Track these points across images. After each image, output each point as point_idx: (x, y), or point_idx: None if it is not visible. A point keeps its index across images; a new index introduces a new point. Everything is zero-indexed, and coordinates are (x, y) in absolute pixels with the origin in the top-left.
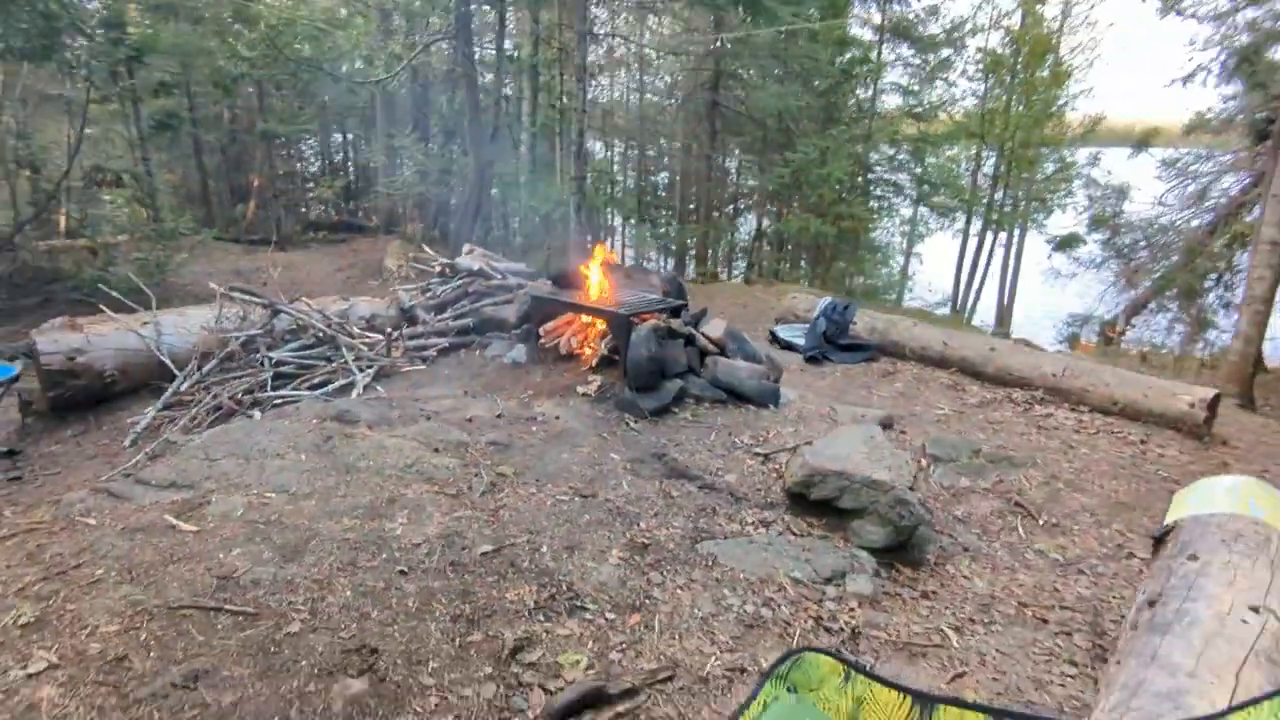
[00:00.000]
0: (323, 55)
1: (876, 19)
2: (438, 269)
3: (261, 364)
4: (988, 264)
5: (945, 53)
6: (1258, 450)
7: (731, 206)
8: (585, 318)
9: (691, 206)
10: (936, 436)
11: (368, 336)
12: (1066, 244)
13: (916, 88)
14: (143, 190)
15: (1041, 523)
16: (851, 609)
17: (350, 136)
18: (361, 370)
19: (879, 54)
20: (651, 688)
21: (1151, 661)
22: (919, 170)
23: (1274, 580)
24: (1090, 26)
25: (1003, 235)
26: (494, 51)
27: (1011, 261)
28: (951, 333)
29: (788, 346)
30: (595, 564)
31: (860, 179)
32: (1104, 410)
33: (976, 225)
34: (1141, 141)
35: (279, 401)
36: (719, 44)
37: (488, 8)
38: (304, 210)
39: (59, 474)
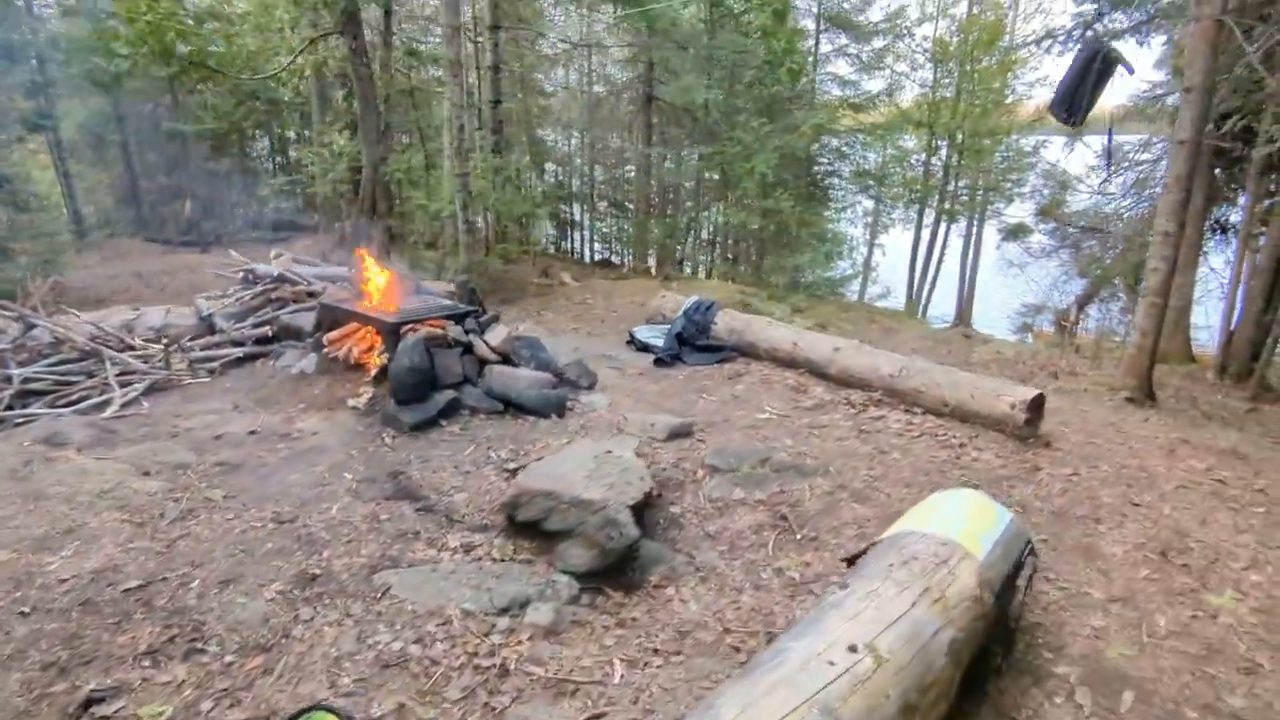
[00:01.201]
0: (225, 54)
1: (813, 8)
2: (240, 275)
3: (8, 381)
4: (941, 255)
5: (882, 41)
6: (1081, 452)
7: (690, 202)
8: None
9: (647, 201)
10: (721, 445)
11: (148, 349)
12: (1015, 234)
13: (855, 78)
14: (15, 193)
15: (799, 537)
16: (520, 641)
17: (294, 134)
18: (126, 386)
19: (816, 43)
20: None
21: (707, 711)
22: (861, 162)
23: (911, 612)
24: (1044, 14)
25: (959, 226)
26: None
27: (970, 252)
28: (802, 333)
29: (644, 348)
30: (246, 599)
31: (795, 172)
32: (936, 412)
33: (931, 216)
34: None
35: (20, 420)
36: (646, 35)
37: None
38: (244, 209)
39: None
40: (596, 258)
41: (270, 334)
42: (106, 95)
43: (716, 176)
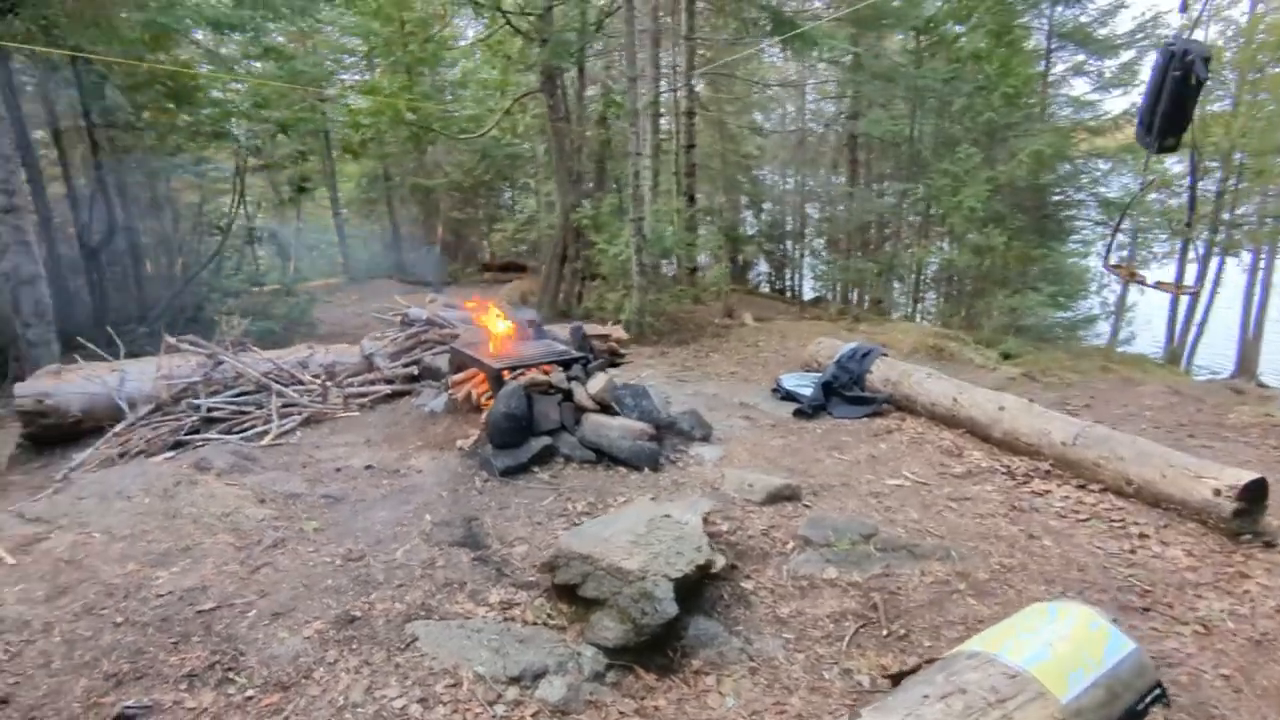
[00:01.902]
0: (449, 121)
1: (1043, 25)
2: (397, 319)
3: (197, 409)
4: (1212, 294)
5: (1129, 54)
6: None
7: (900, 239)
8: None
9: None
10: (825, 514)
11: (311, 384)
12: None
13: (1096, 97)
14: (281, 246)
15: (885, 633)
16: (523, 717)
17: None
18: (286, 417)
19: (1047, 63)
20: None
21: None
22: (1105, 191)
23: None
24: None
25: (1241, 260)
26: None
27: (1258, 291)
28: (965, 387)
29: (789, 397)
30: (288, 634)
31: (1017, 203)
32: (1117, 491)
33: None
34: None
35: (199, 444)
36: (850, 72)
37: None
38: (479, 254)
39: None
40: (810, 295)
41: (416, 374)
42: (372, 159)
43: (921, 213)
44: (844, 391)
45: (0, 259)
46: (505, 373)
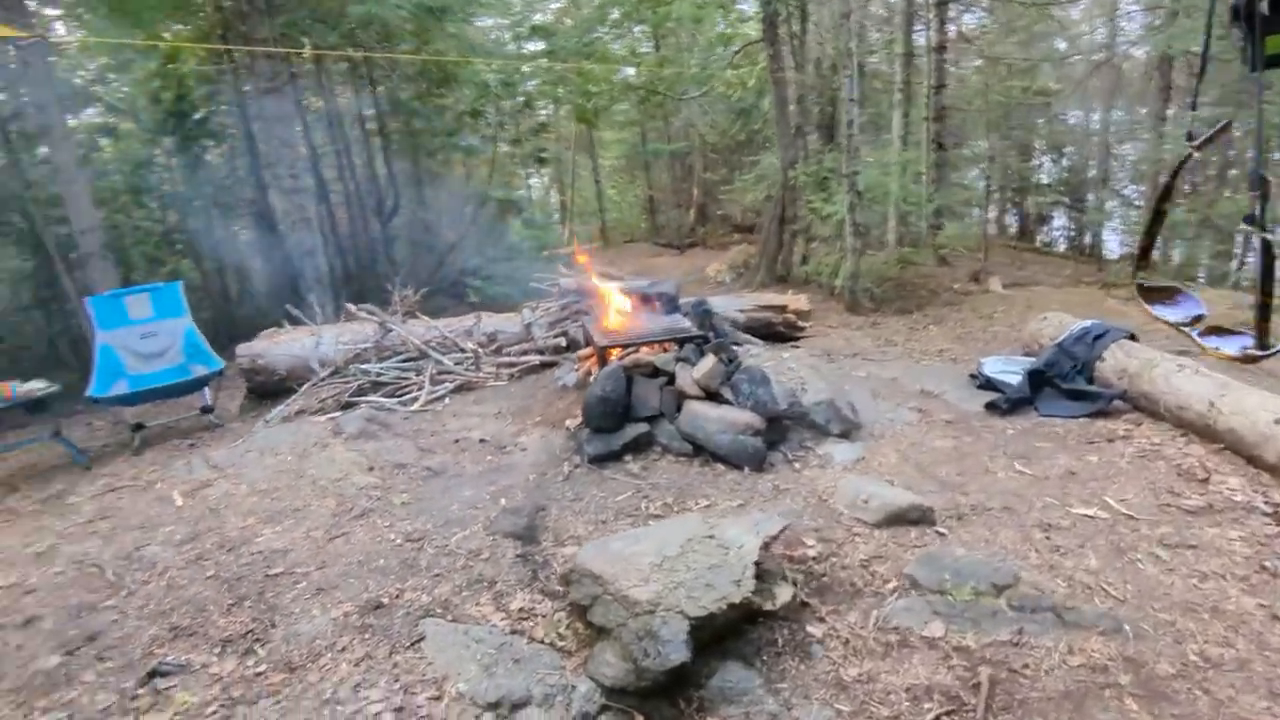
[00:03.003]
0: (671, 79)
1: None
2: (555, 289)
3: (366, 373)
4: None
5: None
6: None
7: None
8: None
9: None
10: (951, 550)
11: (467, 352)
12: None
13: None
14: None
15: None
16: None
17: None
18: (439, 384)
19: None
20: None
21: None
22: None
23: None
24: None
25: None
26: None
27: None
28: (1233, 387)
29: (988, 385)
30: (320, 613)
31: None
32: None
33: None
34: None
35: (362, 405)
36: None
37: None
38: (722, 213)
39: (214, 436)
40: (1117, 254)
41: (564, 345)
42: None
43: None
44: (1060, 382)
45: (290, 234)
46: (610, 351)
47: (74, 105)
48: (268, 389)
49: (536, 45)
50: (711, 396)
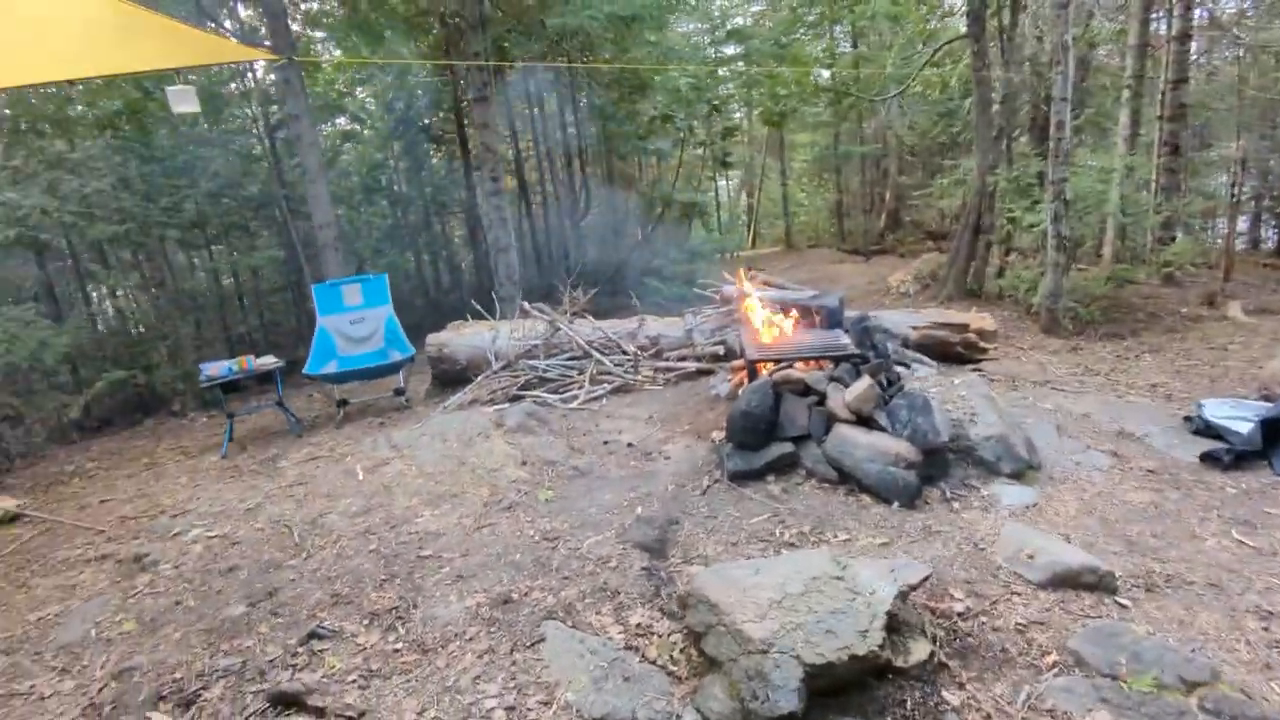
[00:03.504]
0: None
1: None
2: (717, 295)
3: (534, 369)
4: None
5: None
6: None
7: None
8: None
9: None
10: (1120, 626)
11: (630, 355)
12: None
13: None
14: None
15: None
16: None
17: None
18: (598, 384)
19: None
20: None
21: None
22: None
23: None
24: None
25: None
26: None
27: None
28: None
29: (1208, 432)
30: (456, 600)
31: None
32: None
33: None
34: None
35: (526, 399)
36: None
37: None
38: (918, 221)
39: (402, 416)
40: None
41: (721, 353)
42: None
43: None
44: None
45: (488, 232)
46: (760, 365)
47: (324, 116)
48: (450, 376)
49: (734, 49)
50: (864, 421)
